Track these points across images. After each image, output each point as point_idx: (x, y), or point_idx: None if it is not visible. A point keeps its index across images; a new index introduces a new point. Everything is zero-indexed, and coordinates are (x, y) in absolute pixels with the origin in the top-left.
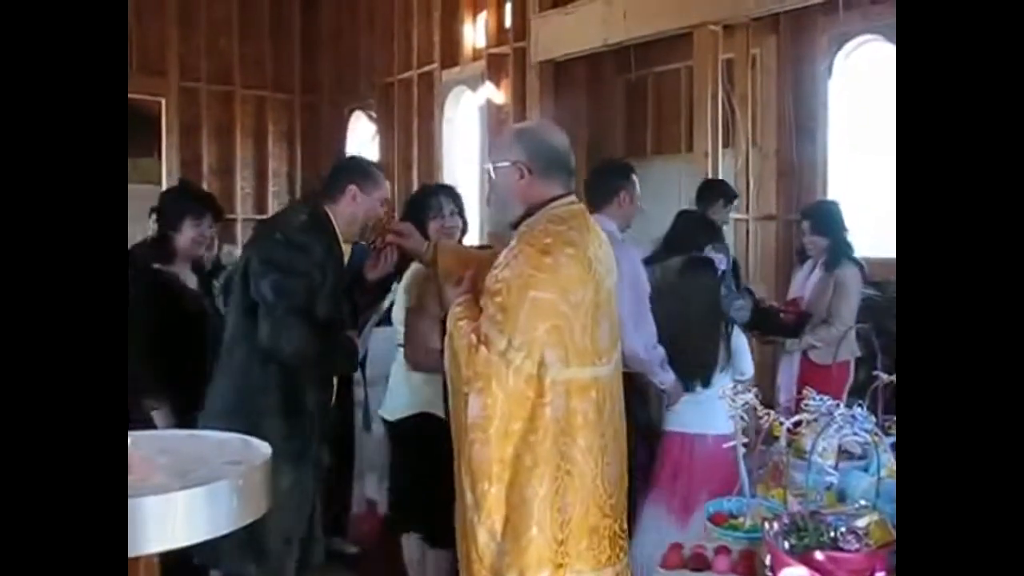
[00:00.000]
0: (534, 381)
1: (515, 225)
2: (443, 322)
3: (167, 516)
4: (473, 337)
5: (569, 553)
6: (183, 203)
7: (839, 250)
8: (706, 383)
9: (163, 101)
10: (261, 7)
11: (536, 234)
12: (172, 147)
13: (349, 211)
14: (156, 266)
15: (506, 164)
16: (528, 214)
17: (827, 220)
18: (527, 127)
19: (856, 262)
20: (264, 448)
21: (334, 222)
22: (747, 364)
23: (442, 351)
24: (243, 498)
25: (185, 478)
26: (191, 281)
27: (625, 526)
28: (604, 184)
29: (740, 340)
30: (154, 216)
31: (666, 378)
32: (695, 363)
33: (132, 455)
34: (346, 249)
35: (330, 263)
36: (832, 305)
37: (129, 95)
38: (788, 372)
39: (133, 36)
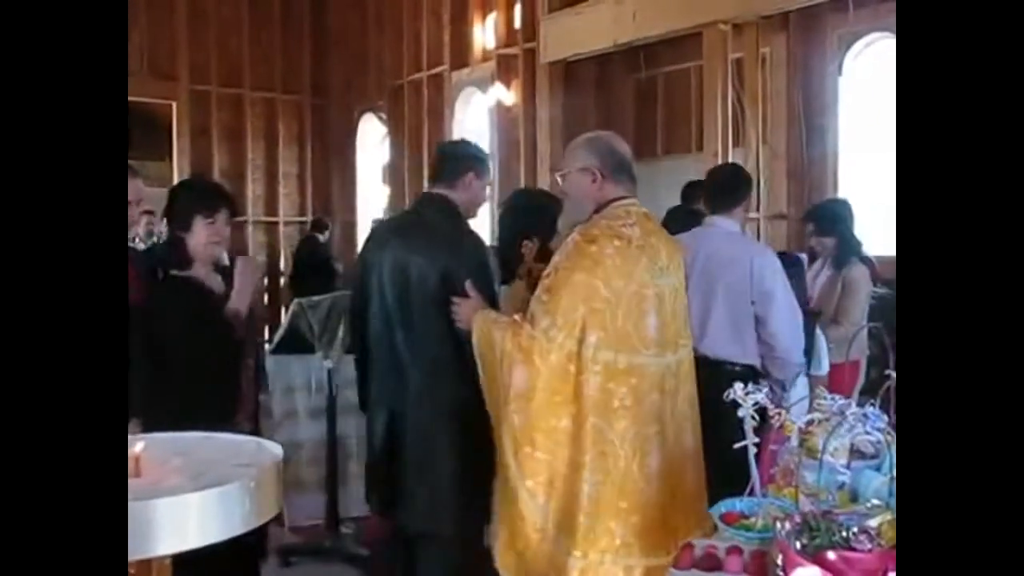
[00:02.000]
0: (575, 358)
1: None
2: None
3: (180, 518)
4: (517, 317)
5: (596, 530)
6: (192, 200)
7: (847, 248)
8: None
9: (174, 104)
10: (271, 10)
11: (588, 226)
12: (183, 150)
13: (467, 197)
14: (173, 272)
15: (579, 169)
16: (596, 213)
17: (831, 220)
18: (598, 136)
19: (866, 260)
20: (276, 450)
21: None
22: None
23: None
24: (256, 500)
25: (198, 480)
26: (215, 283)
27: (671, 520)
28: (733, 191)
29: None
30: (164, 218)
31: (791, 388)
32: None
33: (146, 458)
34: None
35: None
36: (840, 304)
37: (140, 99)
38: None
39: (143, 40)
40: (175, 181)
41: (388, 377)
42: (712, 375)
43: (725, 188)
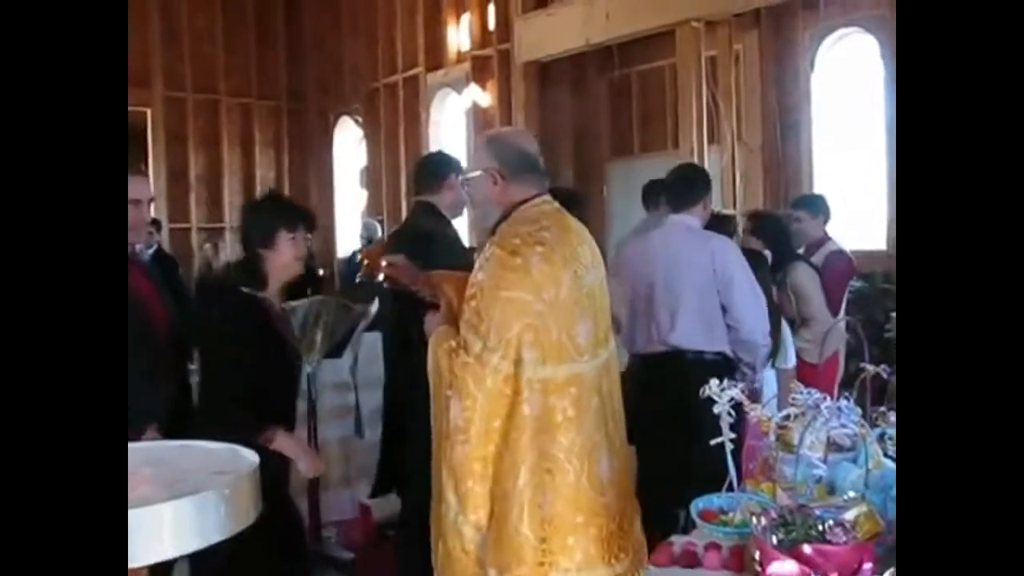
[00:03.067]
0: (511, 380)
1: (494, 230)
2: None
3: (154, 528)
4: (452, 343)
5: (553, 551)
6: (274, 215)
7: (782, 257)
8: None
9: (149, 111)
10: (245, 16)
11: (506, 236)
12: (159, 157)
13: (452, 197)
14: (244, 289)
15: (479, 172)
16: (505, 218)
17: (769, 223)
18: (495, 134)
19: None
20: (252, 457)
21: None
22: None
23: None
24: (231, 508)
25: (172, 489)
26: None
27: (629, 527)
28: (690, 190)
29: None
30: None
31: (762, 370)
32: None
33: None
34: None
35: None
36: (801, 311)
37: None
38: (769, 379)
39: None
40: (151, 188)
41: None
42: (684, 365)
43: (684, 187)
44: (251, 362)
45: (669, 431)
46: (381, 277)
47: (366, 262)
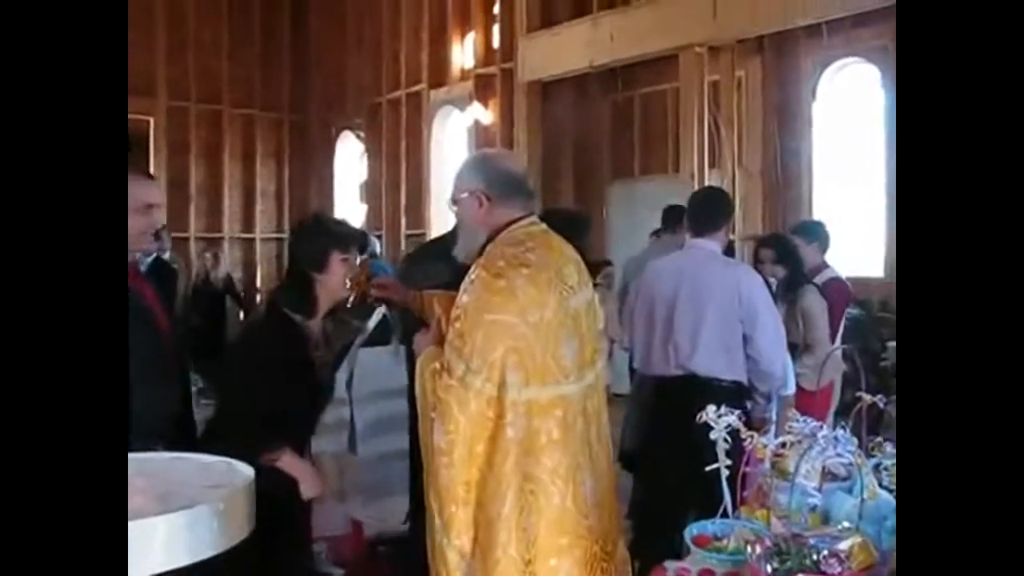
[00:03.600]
0: (495, 402)
1: (480, 252)
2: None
3: (147, 541)
4: (437, 365)
5: (537, 572)
6: (325, 235)
7: (796, 279)
8: None
9: (151, 121)
10: (251, 28)
11: (491, 258)
12: (160, 166)
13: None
14: (290, 314)
15: (465, 195)
16: (491, 240)
17: (788, 250)
18: (481, 156)
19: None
20: (247, 472)
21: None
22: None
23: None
24: (225, 522)
25: (166, 502)
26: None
27: (613, 548)
28: (714, 214)
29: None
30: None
31: (775, 400)
32: None
33: None
34: None
35: None
36: (807, 336)
37: None
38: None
39: None
40: (161, 193)
41: None
42: (701, 392)
43: (709, 212)
44: (278, 385)
45: (680, 456)
46: (372, 298)
47: (354, 286)
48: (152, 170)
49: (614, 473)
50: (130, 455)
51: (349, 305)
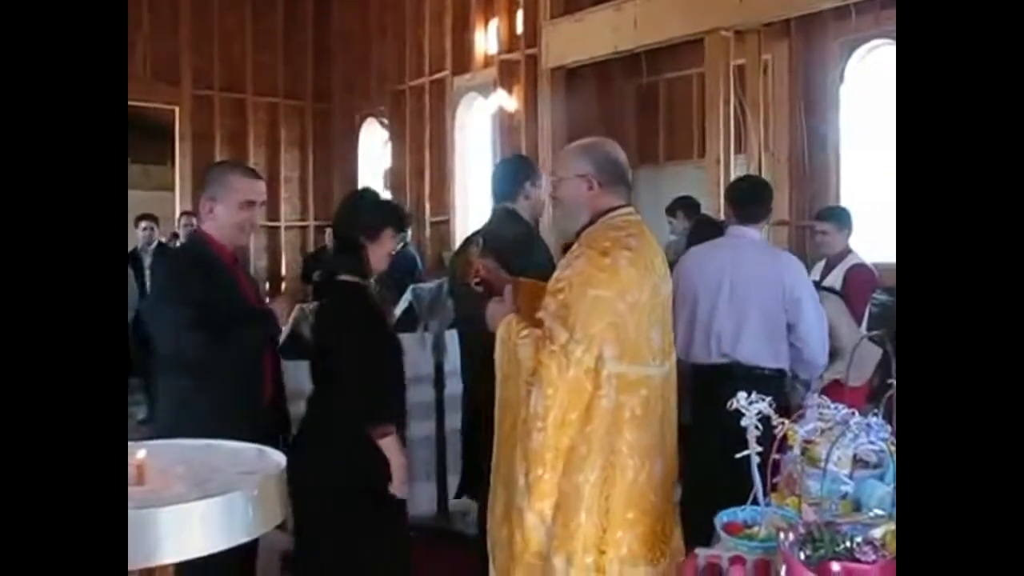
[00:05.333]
0: (592, 374)
1: (579, 233)
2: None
3: (184, 526)
4: (537, 332)
5: (607, 541)
6: (383, 211)
7: None
8: None
9: (176, 109)
10: (274, 16)
11: (596, 238)
12: (185, 154)
13: (530, 203)
14: (345, 278)
15: (575, 176)
16: (591, 223)
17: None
18: (594, 142)
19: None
20: (278, 457)
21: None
22: None
23: (491, 354)
24: (258, 508)
25: (201, 488)
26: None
27: (671, 530)
28: (764, 203)
29: None
30: (338, 221)
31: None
32: None
33: (150, 466)
34: None
35: None
36: (832, 344)
37: (143, 103)
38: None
39: (147, 45)
40: (177, 185)
41: None
42: (745, 380)
43: (754, 200)
44: (382, 353)
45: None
46: (476, 280)
47: (470, 269)
48: (177, 158)
49: (676, 461)
50: (168, 442)
51: (459, 284)
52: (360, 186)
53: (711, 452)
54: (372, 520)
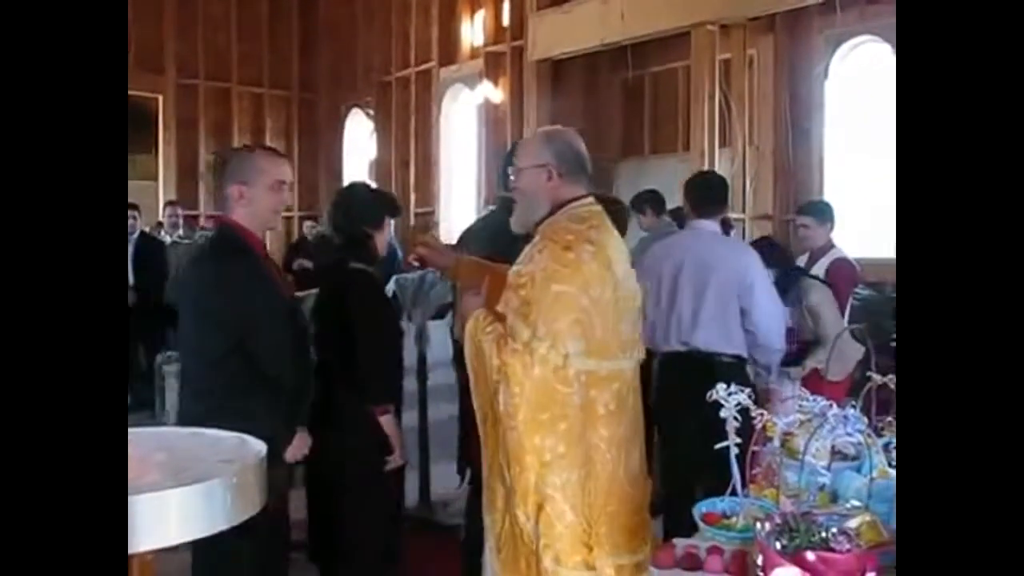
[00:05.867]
0: (561, 372)
1: (538, 224)
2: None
3: (161, 514)
4: (500, 328)
5: (594, 536)
6: (382, 202)
7: (787, 278)
8: None
9: (160, 98)
10: (259, 5)
11: (558, 231)
12: (169, 143)
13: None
14: (357, 266)
15: (535, 166)
16: (551, 214)
17: (770, 251)
18: (554, 131)
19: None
20: (259, 446)
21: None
22: None
23: (462, 350)
24: (237, 496)
25: (179, 476)
26: None
27: (647, 517)
28: (715, 196)
29: None
30: (337, 214)
31: (776, 373)
32: None
33: (129, 453)
34: None
35: None
36: (817, 332)
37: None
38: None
39: (131, 34)
40: (160, 174)
41: None
42: (703, 366)
43: (712, 196)
44: (393, 335)
45: (687, 430)
46: (412, 258)
47: (411, 247)
48: (160, 147)
49: (644, 448)
50: (149, 430)
51: (410, 262)
52: (346, 179)
53: (684, 442)
54: (371, 494)
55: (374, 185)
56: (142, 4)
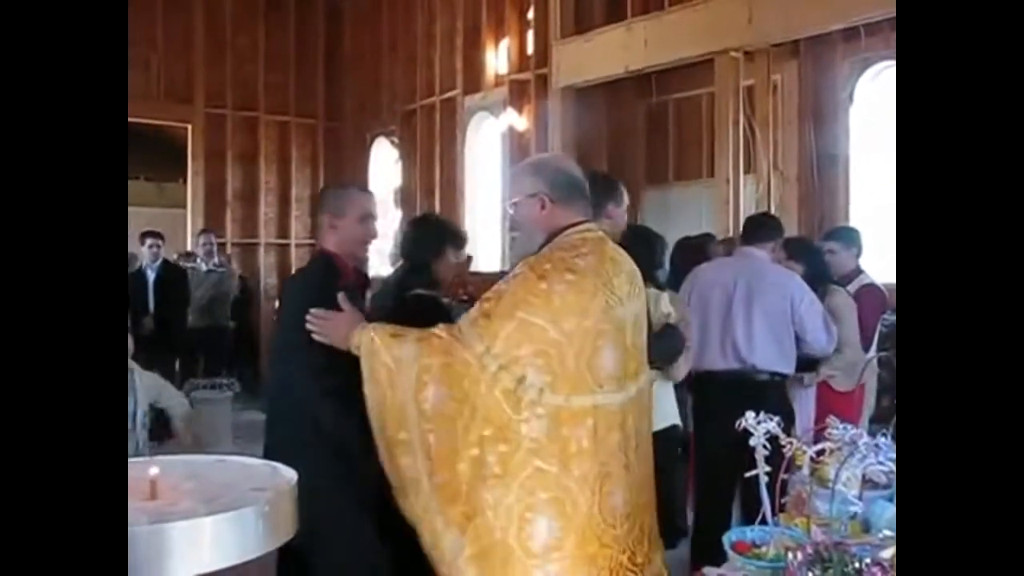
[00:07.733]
0: (511, 396)
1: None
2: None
3: (194, 541)
4: (415, 331)
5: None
6: (444, 232)
7: (817, 276)
8: None
9: (189, 127)
10: (286, 35)
11: (540, 260)
12: (198, 172)
13: (610, 223)
14: (420, 292)
15: (527, 196)
16: (548, 242)
17: (802, 248)
18: (542, 159)
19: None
20: (290, 475)
21: None
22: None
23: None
24: (269, 524)
25: (212, 504)
26: None
27: (645, 561)
28: (770, 228)
29: None
30: (404, 242)
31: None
32: None
33: (160, 481)
34: None
35: None
36: (839, 332)
37: (157, 121)
38: (804, 401)
39: (161, 64)
40: (189, 202)
41: None
42: (761, 386)
43: (762, 225)
44: None
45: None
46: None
47: (460, 279)
48: (190, 176)
49: (652, 487)
50: (178, 458)
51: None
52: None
53: (720, 460)
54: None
55: (398, 212)
56: (172, 36)
